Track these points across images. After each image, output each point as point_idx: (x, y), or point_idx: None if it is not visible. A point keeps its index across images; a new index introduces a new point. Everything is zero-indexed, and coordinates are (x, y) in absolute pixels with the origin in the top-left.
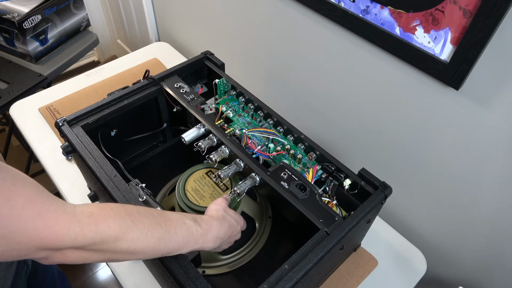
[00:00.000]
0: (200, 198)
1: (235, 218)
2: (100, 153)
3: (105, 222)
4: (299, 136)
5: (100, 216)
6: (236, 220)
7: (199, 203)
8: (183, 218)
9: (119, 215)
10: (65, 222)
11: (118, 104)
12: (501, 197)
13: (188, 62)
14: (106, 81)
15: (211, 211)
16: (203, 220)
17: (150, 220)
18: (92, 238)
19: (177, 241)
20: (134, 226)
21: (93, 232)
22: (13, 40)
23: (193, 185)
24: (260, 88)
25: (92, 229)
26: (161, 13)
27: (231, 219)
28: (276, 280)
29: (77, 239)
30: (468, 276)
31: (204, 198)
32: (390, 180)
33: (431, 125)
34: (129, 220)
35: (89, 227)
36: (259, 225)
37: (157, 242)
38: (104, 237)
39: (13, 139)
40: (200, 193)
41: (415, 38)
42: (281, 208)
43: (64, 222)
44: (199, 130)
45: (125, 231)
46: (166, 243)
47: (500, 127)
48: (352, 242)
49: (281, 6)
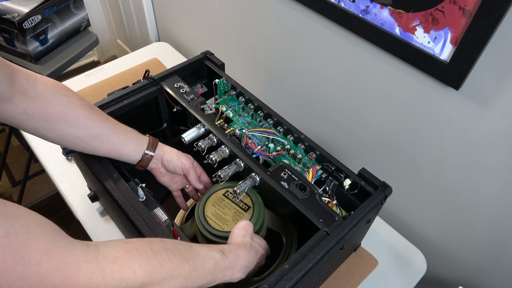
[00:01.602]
0: (223, 223)
1: (261, 244)
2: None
3: (130, 268)
4: (299, 136)
5: (125, 262)
6: (262, 246)
7: (223, 229)
8: (211, 252)
9: (145, 257)
10: (86, 273)
11: (118, 104)
12: (501, 197)
13: (188, 62)
14: (106, 81)
15: (236, 237)
16: (230, 252)
17: (177, 258)
18: (115, 287)
19: (204, 277)
20: (161, 268)
21: (117, 281)
22: (13, 40)
23: (212, 210)
24: (260, 88)
25: (116, 277)
26: (161, 13)
27: (257, 246)
28: (276, 280)
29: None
30: (468, 276)
31: (227, 222)
32: (390, 180)
33: (431, 125)
34: (155, 262)
35: (112, 275)
36: (286, 239)
37: (184, 281)
38: (129, 285)
39: (13, 139)
40: (222, 217)
41: (415, 38)
42: (281, 208)
43: (85, 272)
44: (199, 130)
45: (151, 275)
46: (193, 281)
47: (500, 127)
48: (352, 242)
49: (281, 6)
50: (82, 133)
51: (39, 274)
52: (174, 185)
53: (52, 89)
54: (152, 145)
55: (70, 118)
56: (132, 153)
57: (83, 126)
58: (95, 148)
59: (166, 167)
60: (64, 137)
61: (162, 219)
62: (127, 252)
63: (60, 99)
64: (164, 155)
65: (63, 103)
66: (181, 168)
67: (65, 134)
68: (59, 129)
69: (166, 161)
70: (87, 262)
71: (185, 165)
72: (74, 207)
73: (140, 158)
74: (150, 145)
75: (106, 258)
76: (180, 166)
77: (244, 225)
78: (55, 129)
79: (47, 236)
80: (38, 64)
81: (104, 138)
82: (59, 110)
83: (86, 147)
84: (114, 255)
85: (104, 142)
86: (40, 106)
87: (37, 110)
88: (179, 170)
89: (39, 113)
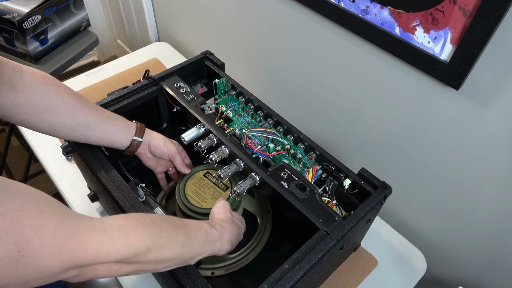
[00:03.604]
0: (202, 201)
1: (240, 219)
2: (100, 153)
3: (135, 233)
4: (299, 136)
5: (130, 228)
6: (241, 221)
7: (202, 206)
8: (199, 222)
9: (146, 224)
10: (97, 240)
11: (118, 104)
12: (501, 197)
13: (188, 62)
14: (106, 81)
15: (218, 214)
16: (216, 224)
17: (173, 226)
18: (125, 252)
19: (198, 245)
20: (161, 234)
21: (125, 246)
22: (13, 40)
23: (193, 188)
24: (260, 88)
25: (124, 242)
26: (161, 13)
27: (238, 221)
28: (276, 280)
29: (110, 255)
30: (468, 276)
31: (206, 200)
32: (390, 180)
33: (431, 125)
34: (156, 228)
35: (120, 240)
36: (261, 221)
37: (181, 248)
38: (136, 249)
39: (13, 139)
40: (201, 196)
41: (415, 38)
42: (281, 208)
43: (96, 239)
44: (199, 130)
45: (154, 240)
46: (190, 248)
47: (500, 127)
48: (352, 242)
49: (281, 6)
50: (72, 122)
51: (55, 244)
52: (159, 168)
53: (39, 79)
54: (140, 131)
55: (60, 108)
56: (121, 140)
57: (73, 115)
58: (86, 137)
59: (153, 152)
60: (55, 127)
61: None
62: (130, 220)
63: (49, 89)
64: (151, 141)
65: (51, 93)
66: (167, 154)
67: (55, 124)
68: (49, 120)
69: (153, 147)
70: (96, 230)
71: (171, 151)
72: (74, 207)
73: (128, 144)
74: (138, 131)
75: (112, 226)
76: (167, 152)
77: (223, 203)
78: (46, 119)
79: (57, 208)
80: (38, 64)
81: (94, 126)
82: (48, 100)
83: (78, 136)
84: (119, 223)
85: (94, 130)
86: (29, 97)
87: (26, 101)
88: (166, 156)
89: (28, 104)
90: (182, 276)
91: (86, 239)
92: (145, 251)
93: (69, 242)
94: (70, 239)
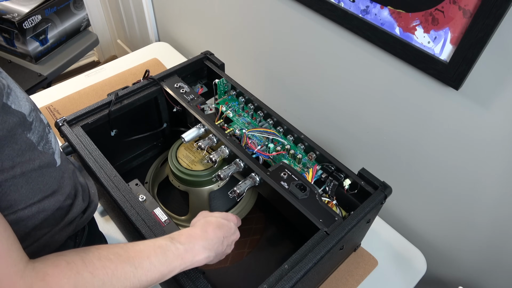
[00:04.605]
0: (191, 163)
1: (223, 216)
2: (100, 153)
3: (58, 284)
4: (299, 136)
5: (53, 278)
6: (225, 218)
7: (191, 168)
8: (156, 243)
9: (75, 270)
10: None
11: (118, 104)
12: (501, 197)
13: (188, 62)
14: (106, 81)
15: (193, 222)
16: (181, 235)
17: (114, 262)
18: None
19: (156, 270)
20: (93, 278)
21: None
22: (13, 40)
23: (184, 153)
24: (260, 88)
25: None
26: (161, 13)
27: (218, 220)
28: (276, 280)
29: None
30: (468, 276)
31: (195, 163)
32: (390, 180)
33: (431, 125)
34: (86, 273)
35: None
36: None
37: (127, 283)
38: None
39: None
40: (191, 159)
41: (415, 38)
42: (281, 208)
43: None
44: (199, 130)
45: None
46: (141, 279)
47: (499, 127)
48: (352, 242)
49: (281, 6)
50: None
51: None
52: None
53: None
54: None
55: None
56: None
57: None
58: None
59: None
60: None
61: (162, 219)
62: (57, 267)
63: None
64: None
65: None
66: None
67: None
68: None
69: None
70: (22, 278)
71: None
72: None
73: None
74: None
75: (37, 275)
76: None
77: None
78: None
79: (5, 242)
80: (38, 64)
81: None
82: None
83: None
84: (44, 271)
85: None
86: None
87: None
88: None
89: None
90: (182, 276)
91: (12, 284)
92: None
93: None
94: (2, 277)
